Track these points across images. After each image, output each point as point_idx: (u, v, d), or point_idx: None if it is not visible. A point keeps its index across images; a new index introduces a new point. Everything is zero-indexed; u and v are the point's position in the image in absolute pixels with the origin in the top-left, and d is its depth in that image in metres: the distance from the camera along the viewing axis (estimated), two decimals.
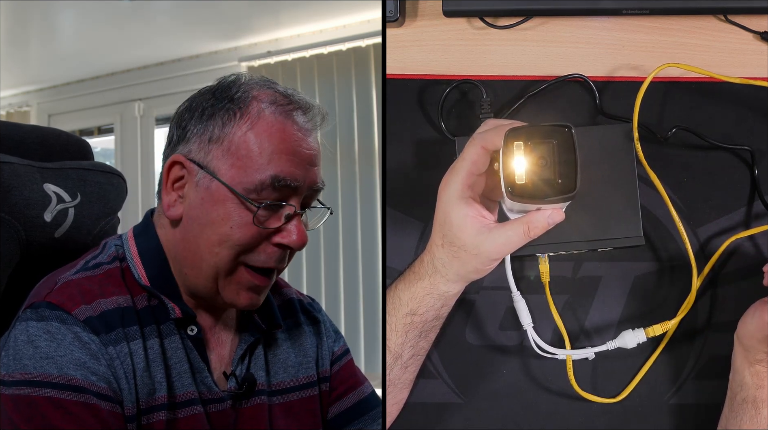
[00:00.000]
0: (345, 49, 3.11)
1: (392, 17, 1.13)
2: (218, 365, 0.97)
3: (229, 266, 0.91)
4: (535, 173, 0.85)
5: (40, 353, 0.85)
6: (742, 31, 1.11)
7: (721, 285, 1.07)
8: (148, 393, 0.90)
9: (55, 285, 0.91)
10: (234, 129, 0.90)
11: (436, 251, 0.95)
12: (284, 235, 0.92)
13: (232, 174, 0.90)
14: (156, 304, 0.93)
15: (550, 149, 0.85)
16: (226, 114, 0.91)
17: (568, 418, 1.07)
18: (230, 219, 0.90)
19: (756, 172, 1.08)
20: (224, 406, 0.95)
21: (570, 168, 0.84)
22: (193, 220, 0.92)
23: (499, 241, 0.91)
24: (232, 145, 0.90)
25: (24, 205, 1.01)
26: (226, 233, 0.90)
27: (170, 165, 0.93)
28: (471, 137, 0.93)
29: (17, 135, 1.10)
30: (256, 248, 0.91)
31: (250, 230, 0.90)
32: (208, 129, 0.91)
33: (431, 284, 0.97)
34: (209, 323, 0.97)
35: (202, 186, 0.91)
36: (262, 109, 0.91)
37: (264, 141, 0.90)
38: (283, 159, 0.90)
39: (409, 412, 1.07)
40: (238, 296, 0.93)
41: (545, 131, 0.85)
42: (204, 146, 0.91)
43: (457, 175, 0.92)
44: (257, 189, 0.89)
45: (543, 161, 0.85)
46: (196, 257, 0.92)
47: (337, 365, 1.09)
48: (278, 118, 0.91)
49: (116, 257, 0.95)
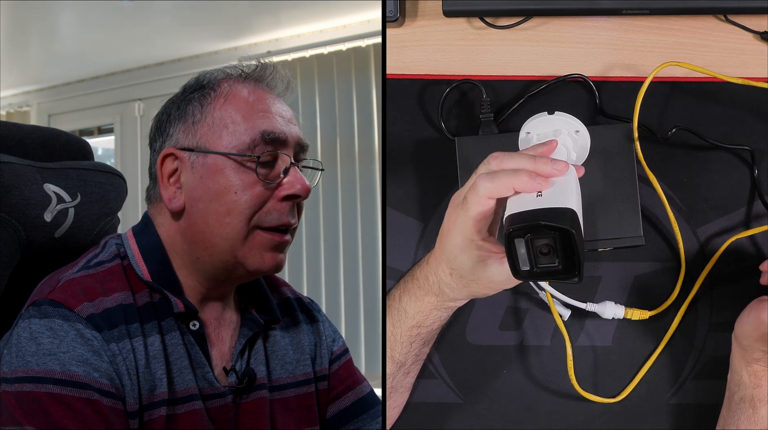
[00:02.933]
0: (345, 49, 3.11)
1: (392, 17, 1.13)
2: (219, 361, 0.97)
3: (244, 233, 0.92)
4: (538, 262, 0.84)
5: (42, 349, 0.85)
6: (742, 31, 1.11)
7: (721, 285, 1.07)
8: (149, 389, 0.90)
9: (58, 283, 0.91)
10: (212, 106, 0.95)
11: (443, 277, 0.93)
12: (287, 186, 0.93)
13: (224, 142, 0.93)
14: (158, 299, 0.94)
15: (552, 241, 0.83)
16: (201, 98, 0.96)
17: (568, 418, 1.07)
18: (233, 185, 0.92)
19: (756, 172, 1.08)
20: (225, 401, 0.95)
21: (573, 256, 0.83)
22: (197, 200, 0.93)
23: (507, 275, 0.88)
24: (215, 119, 0.94)
25: (24, 205, 1.01)
26: (232, 200, 0.92)
27: (162, 160, 0.95)
28: (473, 178, 0.88)
29: (17, 135, 1.10)
30: (265, 207, 0.93)
31: (255, 190, 0.92)
32: (188, 115, 0.95)
33: (439, 301, 0.96)
34: (210, 319, 0.98)
35: (198, 165, 0.93)
36: (232, 83, 0.96)
37: (243, 107, 0.94)
38: (266, 117, 0.94)
39: (410, 412, 1.07)
40: (262, 259, 0.94)
41: (546, 230, 0.83)
42: (189, 131, 0.95)
43: (464, 224, 0.89)
44: (250, 147, 0.92)
45: (546, 250, 0.84)
46: (207, 235, 0.93)
47: (335, 364, 1.09)
48: (250, 87, 0.96)
49: (117, 254, 0.95)
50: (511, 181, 0.85)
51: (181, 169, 0.94)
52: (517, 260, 0.84)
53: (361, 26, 3.09)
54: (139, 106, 3.73)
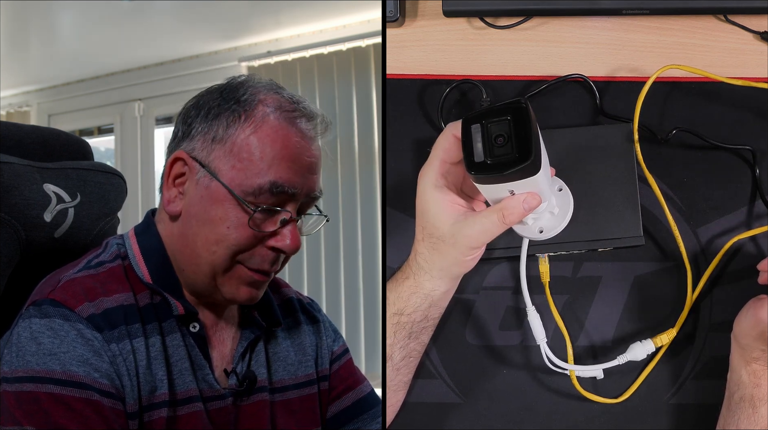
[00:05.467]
0: (345, 49, 3.11)
1: (392, 17, 1.13)
2: (220, 363, 0.97)
3: (226, 265, 0.93)
4: (494, 150, 0.86)
5: (43, 349, 0.85)
6: (742, 31, 1.11)
7: (721, 285, 1.07)
8: (149, 390, 0.90)
9: (58, 283, 0.91)
10: (238, 131, 0.91)
11: (418, 247, 0.97)
12: (278, 239, 0.93)
13: (232, 176, 0.91)
14: (158, 301, 0.94)
15: (506, 126, 0.85)
16: (231, 115, 0.92)
17: (568, 418, 1.07)
18: (227, 220, 0.91)
19: (757, 172, 1.07)
20: (225, 403, 0.95)
21: (528, 141, 0.84)
22: (192, 217, 0.93)
23: (476, 228, 0.92)
24: (234, 146, 0.91)
25: (24, 205, 1.01)
26: (223, 233, 0.91)
27: (173, 161, 0.94)
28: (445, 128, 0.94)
29: (17, 135, 1.10)
30: (251, 249, 0.93)
31: (246, 232, 0.91)
32: (213, 129, 0.92)
33: (416, 283, 0.98)
34: (211, 321, 0.98)
35: (203, 185, 0.92)
36: (267, 113, 0.92)
37: (266, 146, 0.91)
38: (283, 166, 0.91)
39: (409, 412, 1.07)
40: (237, 290, 0.94)
41: (500, 110, 0.86)
42: (207, 145, 0.92)
43: (430, 164, 0.94)
44: (255, 193, 0.90)
45: (501, 139, 0.85)
46: (193, 254, 0.93)
47: (336, 364, 1.09)
48: (282, 124, 0.92)
49: (118, 255, 0.96)
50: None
51: (189, 177, 0.93)
52: (473, 152, 0.86)
53: (361, 26, 3.09)
54: (139, 106, 3.73)
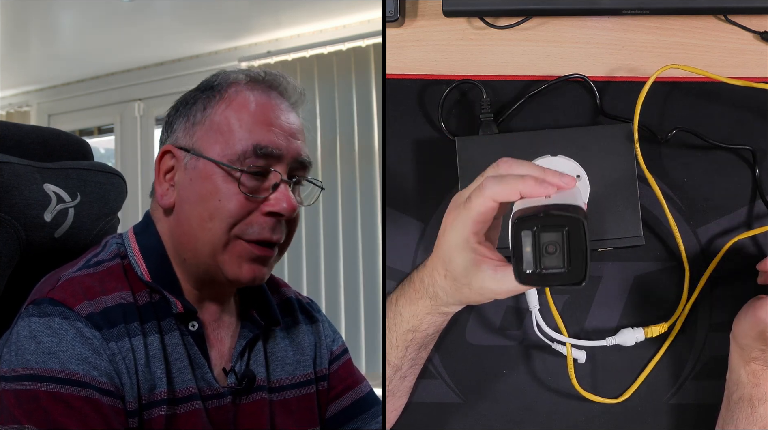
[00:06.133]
0: (345, 49, 3.11)
1: (392, 17, 1.13)
2: (218, 361, 0.97)
3: (224, 240, 0.92)
4: (543, 260, 0.83)
5: (42, 348, 0.85)
6: (742, 31, 1.11)
7: (721, 285, 1.07)
8: (148, 388, 0.90)
9: (57, 282, 0.91)
10: (214, 110, 0.95)
11: (437, 279, 0.93)
12: (273, 203, 0.93)
13: (216, 149, 0.93)
14: (157, 299, 0.94)
15: (560, 237, 0.82)
16: (206, 99, 0.96)
17: (568, 418, 1.07)
18: (218, 192, 0.92)
19: (757, 172, 1.07)
20: (224, 402, 0.95)
21: (579, 258, 0.82)
22: (184, 201, 0.94)
23: (506, 287, 0.88)
24: (213, 123, 0.94)
25: (24, 205, 1.01)
26: (215, 207, 0.92)
27: (161, 157, 0.96)
28: (480, 178, 0.88)
29: (17, 135, 1.10)
30: (247, 219, 0.93)
31: (238, 201, 0.92)
32: (191, 115, 0.96)
33: (433, 305, 0.95)
34: (210, 320, 0.98)
35: (190, 167, 0.94)
36: (239, 88, 0.95)
37: (243, 115, 0.94)
38: (263, 128, 0.93)
39: (410, 412, 1.07)
40: (240, 269, 0.94)
41: (556, 219, 0.82)
42: (188, 131, 0.95)
43: (463, 224, 0.88)
44: (240, 158, 0.92)
45: (552, 249, 0.82)
46: (191, 237, 0.94)
47: (335, 364, 1.09)
48: (255, 94, 0.95)
49: (117, 254, 0.96)
50: (518, 185, 0.85)
51: (177, 167, 0.95)
52: (522, 259, 0.83)
53: (361, 26, 3.09)
54: (139, 106, 3.73)
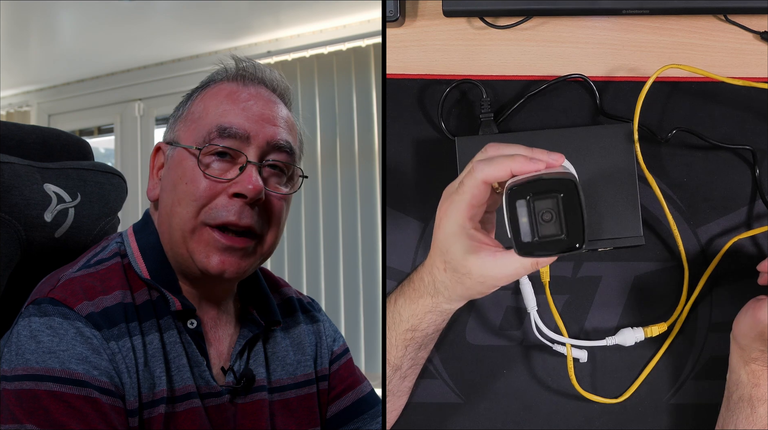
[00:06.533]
0: (345, 49, 3.11)
1: (392, 17, 1.13)
2: (217, 360, 0.97)
3: (191, 225, 0.92)
4: (541, 230, 0.83)
5: (42, 347, 0.85)
6: (742, 31, 1.11)
7: (721, 285, 1.07)
8: (149, 387, 0.90)
9: (58, 282, 0.92)
10: (192, 102, 0.98)
11: (437, 274, 0.92)
12: (236, 184, 0.92)
13: (188, 137, 0.95)
14: (156, 297, 0.94)
15: (555, 204, 0.81)
16: (191, 96, 0.99)
17: (568, 418, 1.07)
18: (185, 175, 0.93)
19: (757, 172, 1.07)
20: (222, 400, 0.95)
21: (576, 222, 0.81)
22: (163, 190, 0.96)
23: (507, 271, 0.88)
24: (190, 113, 0.97)
25: (24, 205, 1.01)
26: (182, 191, 0.93)
27: (154, 154, 0.99)
28: (470, 165, 0.89)
29: (17, 135, 1.10)
30: (213, 202, 0.92)
31: (203, 183, 0.92)
32: (177, 112, 0.99)
33: (433, 303, 0.95)
34: (209, 318, 0.98)
35: (170, 158, 0.96)
36: (217, 81, 0.99)
37: (215, 102, 0.96)
38: (231, 112, 0.95)
39: (410, 412, 1.07)
40: (208, 259, 0.92)
41: (549, 184, 0.82)
42: (173, 125, 0.99)
43: (457, 209, 0.89)
44: (205, 140, 0.93)
45: (548, 215, 0.82)
46: (167, 226, 0.95)
47: (336, 364, 1.09)
48: (231, 85, 0.98)
49: (117, 253, 0.96)
50: (509, 164, 0.85)
51: (165, 162, 0.98)
52: (519, 231, 0.83)
53: (361, 26, 3.08)
54: (139, 106, 3.73)
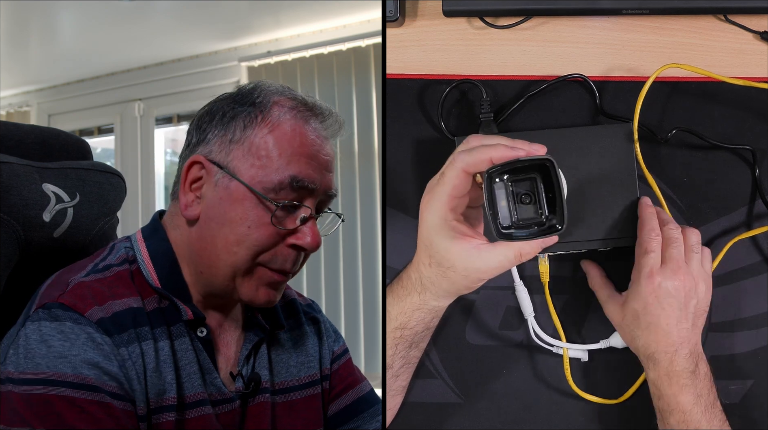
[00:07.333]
0: (345, 49, 3.11)
1: (392, 17, 1.13)
2: (225, 366, 0.97)
3: (247, 266, 0.93)
4: (520, 212, 0.82)
5: (53, 352, 0.85)
6: (742, 31, 1.11)
7: (721, 285, 1.07)
8: (157, 393, 0.90)
9: (67, 287, 0.91)
10: (255, 131, 0.92)
11: (423, 270, 0.94)
12: (299, 236, 0.93)
13: (251, 174, 0.92)
14: (166, 306, 0.94)
15: (533, 186, 0.82)
16: (247, 117, 0.93)
17: (568, 418, 1.07)
18: (248, 218, 0.91)
19: (757, 172, 1.07)
20: (233, 406, 0.96)
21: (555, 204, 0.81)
22: (211, 219, 0.93)
23: (490, 264, 0.90)
24: (252, 146, 0.92)
25: (23, 205, 1.01)
26: (243, 233, 0.91)
27: (189, 165, 0.94)
28: (451, 157, 0.91)
29: (17, 135, 1.10)
30: (272, 249, 0.93)
31: (267, 230, 0.92)
32: (229, 131, 0.93)
33: (421, 300, 0.96)
34: (215, 324, 0.98)
35: (221, 186, 0.92)
36: (282, 113, 0.93)
37: (284, 144, 0.92)
38: (301, 161, 0.92)
39: (409, 412, 1.07)
40: (257, 292, 0.94)
41: (527, 166, 0.82)
42: (225, 147, 0.93)
43: (438, 200, 0.90)
44: (276, 189, 0.91)
45: (528, 198, 0.82)
46: (212, 256, 0.93)
47: (336, 363, 1.09)
48: (298, 123, 0.94)
49: (126, 259, 0.95)
50: (489, 152, 0.86)
51: (206, 180, 0.94)
52: (498, 214, 0.82)
53: (361, 26, 3.09)
54: (139, 106, 3.73)
